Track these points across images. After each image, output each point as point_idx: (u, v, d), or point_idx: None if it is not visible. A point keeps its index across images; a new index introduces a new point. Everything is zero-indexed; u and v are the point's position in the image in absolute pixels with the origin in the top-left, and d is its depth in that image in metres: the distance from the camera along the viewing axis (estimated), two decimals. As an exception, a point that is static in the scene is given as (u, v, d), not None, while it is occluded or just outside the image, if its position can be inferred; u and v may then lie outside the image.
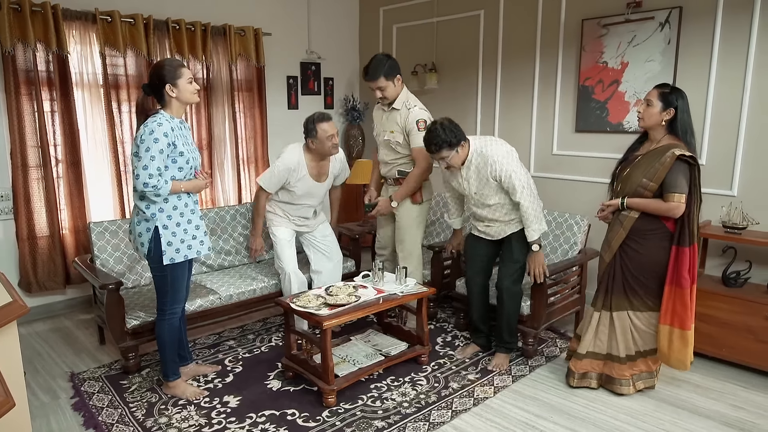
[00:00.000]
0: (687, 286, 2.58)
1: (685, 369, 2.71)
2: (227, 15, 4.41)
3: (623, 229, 2.66)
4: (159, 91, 2.51)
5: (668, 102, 2.55)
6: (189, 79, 2.54)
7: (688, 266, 2.57)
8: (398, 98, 3.29)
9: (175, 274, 2.63)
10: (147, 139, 2.43)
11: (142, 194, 2.50)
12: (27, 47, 3.47)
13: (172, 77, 2.49)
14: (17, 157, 3.54)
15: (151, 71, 2.55)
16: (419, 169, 3.29)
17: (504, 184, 2.87)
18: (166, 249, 2.54)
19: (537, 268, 2.98)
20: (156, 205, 2.52)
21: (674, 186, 2.51)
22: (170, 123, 2.50)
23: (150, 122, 2.47)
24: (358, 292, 2.92)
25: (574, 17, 3.84)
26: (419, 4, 4.84)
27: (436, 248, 3.66)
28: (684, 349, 2.65)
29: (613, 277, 2.74)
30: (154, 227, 2.52)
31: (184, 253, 2.60)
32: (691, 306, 2.62)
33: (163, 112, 2.53)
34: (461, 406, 2.71)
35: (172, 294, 2.67)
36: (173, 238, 2.55)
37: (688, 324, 2.61)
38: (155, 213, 2.52)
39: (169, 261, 2.55)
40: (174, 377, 2.79)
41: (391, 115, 3.32)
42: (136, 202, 2.58)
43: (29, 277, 3.71)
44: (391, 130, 3.33)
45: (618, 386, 2.80)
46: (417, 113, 3.24)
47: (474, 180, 2.95)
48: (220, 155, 4.52)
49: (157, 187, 2.44)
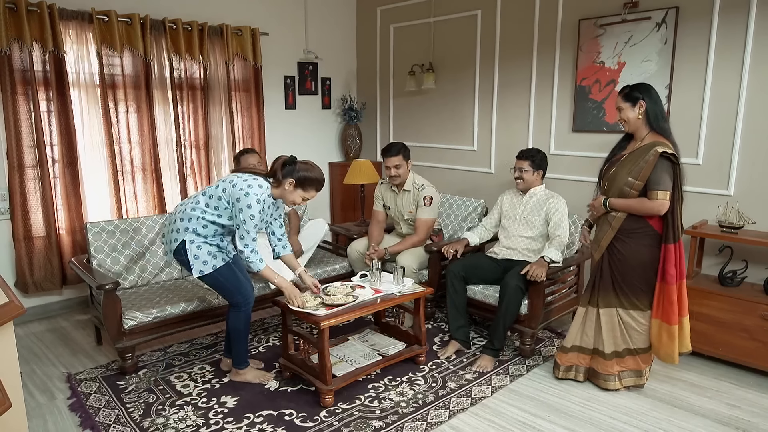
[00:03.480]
0: (672, 282, 2.62)
1: (673, 362, 2.74)
2: (224, 15, 4.40)
3: (612, 228, 2.71)
4: (287, 174, 2.67)
5: (633, 98, 2.64)
6: (307, 197, 2.74)
7: (674, 262, 2.61)
8: (408, 180, 3.75)
9: (225, 274, 2.77)
10: (245, 211, 2.59)
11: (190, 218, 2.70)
12: (23, 47, 3.46)
13: (301, 184, 2.70)
14: (13, 157, 3.53)
15: (304, 162, 2.72)
16: (418, 238, 3.71)
17: (552, 219, 3.28)
18: (194, 262, 2.70)
19: (537, 270, 3.02)
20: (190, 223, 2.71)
21: (658, 183, 2.55)
22: (265, 203, 2.67)
23: (253, 192, 2.60)
24: (356, 292, 2.92)
25: (570, 17, 3.85)
26: (416, 4, 4.84)
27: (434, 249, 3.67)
28: (671, 343, 2.69)
29: (601, 275, 2.78)
30: (182, 241, 2.69)
31: (213, 264, 2.73)
32: (680, 301, 2.65)
33: (269, 187, 2.71)
34: (459, 406, 2.72)
35: (236, 288, 2.80)
36: (199, 252, 2.70)
37: (674, 319, 2.65)
38: (186, 228, 2.70)
39: (199, 273, 2.71)
40: (245, 365, 2.93)
41: (405, 197, 3.78)
42: (176, 215, 2.76)
43: (26, 278, 3.70)
44: (409, 210, 3.79)
45: (603, 381, 2.83)
46: (426, 191, 3.70)
47: (530, 206, 3.39)
48: (217, 155, 4.52)
49: (249, 260, 2.67)
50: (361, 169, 4.42)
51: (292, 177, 2.68)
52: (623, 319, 2.77)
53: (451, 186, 4.70)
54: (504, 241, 3.47)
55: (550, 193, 3.40)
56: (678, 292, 2.65)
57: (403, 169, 3.70)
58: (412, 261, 3.59)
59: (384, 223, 3.93)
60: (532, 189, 3.41)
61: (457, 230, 4.06)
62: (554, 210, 3.29)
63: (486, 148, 4.51)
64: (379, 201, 3.93)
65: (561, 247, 3.21)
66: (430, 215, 3.70)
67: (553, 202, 3.32)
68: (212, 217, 2.71)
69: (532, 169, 3.35)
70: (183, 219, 2.72)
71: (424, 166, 4.88)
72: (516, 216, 3.43)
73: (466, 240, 3.54)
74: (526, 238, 3.37)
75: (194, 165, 4.41)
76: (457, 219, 4.10)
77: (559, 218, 3.27)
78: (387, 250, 3.69)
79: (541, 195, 3.39)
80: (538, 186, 3.42)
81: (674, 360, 2.72)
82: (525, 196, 3.43)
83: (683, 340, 2.72)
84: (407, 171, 3.76)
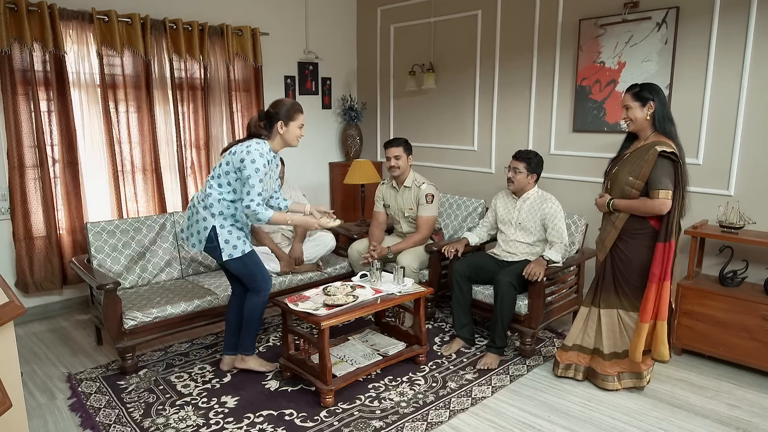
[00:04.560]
0: (654, 281, 2.61)
1: (635, 359, 2.72)
2: (224, 15, 4.40)
3: (615, 228, 2.71)
4: (271, 122, 2.75)
5: (643, 98, 2.62)
6: (300, 124, 2.78)
7: (660, 261, 2.60)
8: (408, 177, 3.76)
9: (251, 259, 2.84)
10: (249, 167, 2.64)
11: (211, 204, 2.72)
12: (23, 47, 3.46)
13: (287, 117, 2.74)
14: (14, 157, 3.53)
15: (273, 103, 2.79)
16: (420, 236, 3.74)
17: (549, 226, 3.23)
18: (225, 246, 2.74)
19: (535, 269, 3.02)
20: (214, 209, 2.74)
21: (658, 183, 2.55)
22: (268, 156, 2.72)
23: (254, 149, 2.66)
24: (356, 292, 2.93)
25: (571, 17, 3.84)
26: (417, 4, 4.84)
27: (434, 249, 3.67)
28: (637, 338, 2.68)
29: (604, 275, 2.79)
30: (212, 227, 2.73)
31: (242, 249, 2.79)
32: (658, 303, 2.64)
33: (266, 143, 2.75)
34: (459, 406, 2.72)
35: (261, 273, 2.87)
36: (229, 236, 2.75)
37: (645, 317, 2.64)
38: (212, 214, 2.74)
39: (228, 257, 2.75)
40: (251, 352, 3.00)
41: (405, 194, 3.80)
42: (197, 206, 2.78)
43: (26, 278, 3.70)
44: (410, 208, 3.80)
45: (601, 381, 2.84)
46: (426, 189, 3.72)
47: (524, 211, 3.33)
48: (218, 155, 4.51)
49: (257, 212, 2.67)
50: (361, 169, 4.42)
51: (278, 119, 2.74)
52: (623, 320, 2.77)
53: (452, 186, 4.70)
54: (503, 245, 3.45)
55: (543, 195, 3.34)
56: (657, 292, 2.63)
57: (403, 161, 3.72)
58: (412, 261, 3.59)
59: (385, 224, 3.94)
60: (525, 193, 3.36)
61: (458, 230, 4.06)
62: (551, 216, 3.24)
63: (486, 148, 4.51)
64: (379, 202, 3.94)
65: (562, 250, 3.20)
66: (431, 213, 3.71)
67: (548, 206, 3.26)
68: (230, 195, 2.75)
69: (526, 171, 3.30)
70: (206, 207, 2.75)
71: (424, 166, 4.88)
72: (511, 221, 3.40)
73: (466, 240, 3.54)
74: (525, 244, 3.35)
75: (194, 165, 4.41)
76: (457, 219, 4.10)
77: (556, 225, 3.22)
78: (390, 249, 3.70)
79: (535, 198, 3.34)
80: (530, 189, 3.37)
81: (636, 357, 2.71)
82: (518, 200, 3.38)
83: (658, 346, 2.70)
84: (407, 166, 3.77)
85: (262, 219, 2.70)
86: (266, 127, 2.78)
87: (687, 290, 3.11)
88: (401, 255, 3.64)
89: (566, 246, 3.23)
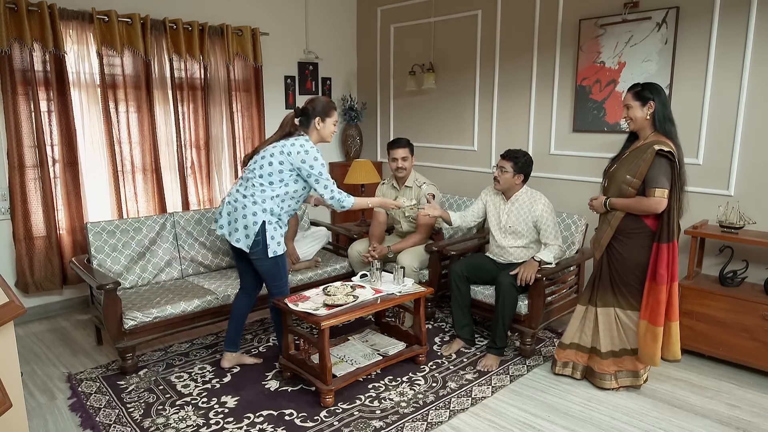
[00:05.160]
0: (663, 282, 2.60)
1: (654, 365, 2.73)
2: (224, 15, 4.40)
3: (610, 227, 2.71)
4: (308, 119, 2.83)
5: (644, 98, 2.63)
6: (335, 121, 2.89)
7: (666, 262, 2.59)
8: (409, 177, 3.80)
9: (283, 260, 2.89)
10: (314, 163, 2.74)
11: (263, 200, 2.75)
12: (23, 47, 3.46)
13: (324, 113, 2.83)
14: (14, 157, 3.53)
15: (309, 101, 2.87)
16: (420, 237, 3.77)
17: (541, 228, 3.19)
18: (270, 243, 2.77)
19: (525, 272, 3.04)
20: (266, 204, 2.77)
21: (655, 182, 2.55)
22: (317, 147, 2.81)
23: (309, 145, 2.76)
24: (356, 292, 2.93)
25: (571, 17, 3.84)
26: (417, 4, 4.84)
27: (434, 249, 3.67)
28: (653, 344, 2.67)
29: (600, 274, 2.79)
30: (262, 222, 2.74)
31: (282, 248, 2.85)
32: (670, 302, 2.64)
33: (307, 137, 2.81)
34: (459, 406, 2.72)
35: (285, 275, 2.93)
36: (275, 233, 2.79)
37: (659, 320, 2.63)
38: (264, 209, 2.77)
39: (272, 254, 2.79)
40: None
41: (406, 193, 3.80)
42: (243, 201, 2.77)
43: (26, 278, 3.70)
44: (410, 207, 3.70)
45: (599, 380, 2.84)
46: (427, 188, 3.74)
47: (513, 214, 3.28)
48: (218, 155, 4.52)
49: (341, 200, 2.81)
50: (361, 169, 4.42)
51: (316, 116, 2.81)
52: (620, 318, 2.78)
53: (452, 186, 4.70)
54: (496, 249, 3.39)
55: (533, 195, 3.26)
56: (668, 294, 2.62)
57: (408, 162, 3.76)
58: (412, 261, 3.59)
59: (385, 224, 3.94)
60: (514, 195, 3.28)
61: (457, 230, 4.05)
62: (542, 218, 3.18)
63: (486, 148, 4.51)
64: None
65: (556, 251, 3.15)
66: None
67: (538, 208, 3.19)
68: (282, 189, 2.77)
69: (513, 171, 3.19)
70: (256, 202, 2.75)
71: (424, 166, 4.87)
72: (500, 225, 3.32)
73: (448, 215, 3.45)
74: (518, 248, 3.31)
75: (194, 165, 4.41)
76: (457, 219, 4.09)
77: (548, 226, 3.17)
78: (390, 248, 3.70)
79: (524, 200, 3.26)
80: (518, 191, 3.28)
81: (654, 362, 2.70)
82: (507, 203, 3.30)
83: (671, 346, 2.69)
84: (411, 166, 3.81)
85: (346, 205, 2.82)
86: (303, 123, 2.83)
87: (687, 290, 3.11)
88: (401, 255, 3.64)
89: (561, 246, 3.21)
